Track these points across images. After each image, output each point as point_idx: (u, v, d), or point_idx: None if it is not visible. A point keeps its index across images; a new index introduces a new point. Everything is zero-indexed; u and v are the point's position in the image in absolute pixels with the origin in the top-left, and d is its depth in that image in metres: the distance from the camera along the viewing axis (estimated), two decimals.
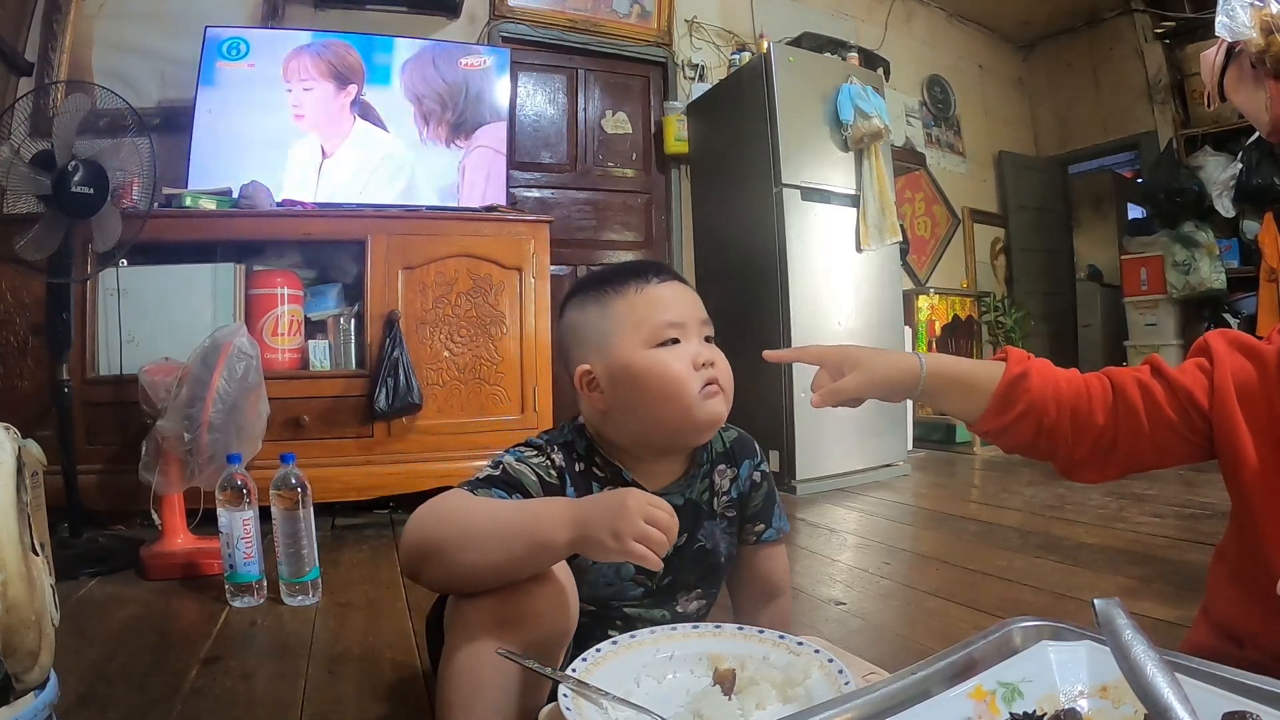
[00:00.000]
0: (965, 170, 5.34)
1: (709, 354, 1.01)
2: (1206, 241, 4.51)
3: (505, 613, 0.83)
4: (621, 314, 1.00)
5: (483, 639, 0.82)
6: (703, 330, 1.03)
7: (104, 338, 2.48)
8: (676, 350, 0.99)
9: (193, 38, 2.89)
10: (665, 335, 0.99)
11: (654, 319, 0.99)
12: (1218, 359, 0.90)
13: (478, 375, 2.81)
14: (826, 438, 3.33)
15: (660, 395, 0.98)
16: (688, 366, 0.98)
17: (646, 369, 0.98)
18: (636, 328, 0.99)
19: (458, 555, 0.84)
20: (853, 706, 0.59)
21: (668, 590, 1.06)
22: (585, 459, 1.04)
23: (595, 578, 1.01)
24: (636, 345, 0.99)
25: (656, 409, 0.99)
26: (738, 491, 1.11)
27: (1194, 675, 0.56)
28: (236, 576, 1.82)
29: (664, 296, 1.01)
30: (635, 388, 0.99)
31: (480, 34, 3.69)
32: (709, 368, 0.99)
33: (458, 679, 0.84)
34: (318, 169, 3.00)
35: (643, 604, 1.04)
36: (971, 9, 5.37)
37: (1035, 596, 1.83)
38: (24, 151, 2.12)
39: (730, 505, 1.10)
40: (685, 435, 1.02)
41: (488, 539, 0.84)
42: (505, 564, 0.83)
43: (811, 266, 3.37)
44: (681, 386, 0.97)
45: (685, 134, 3.98)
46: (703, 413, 0.99)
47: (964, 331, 4.91)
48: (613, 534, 0.78)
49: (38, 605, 0.92)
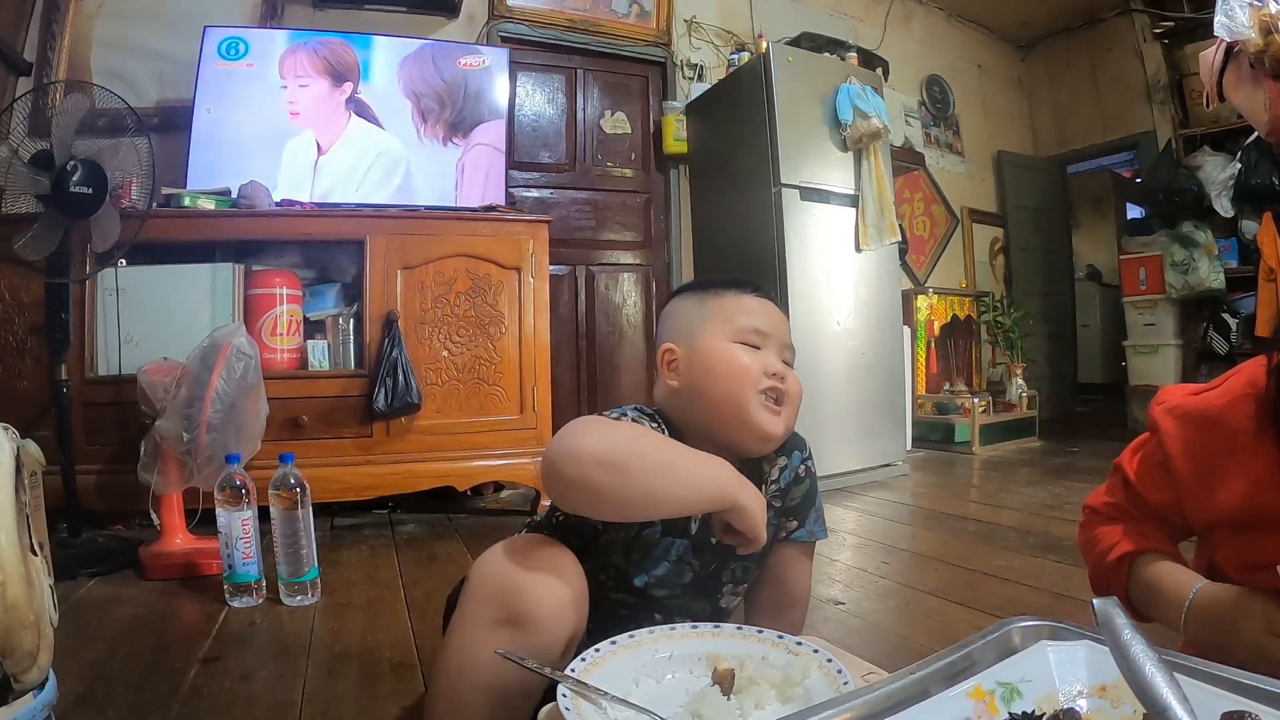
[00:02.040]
0: (964, 170, 5.34)
1: (782, 369, 1.06)
2: (1205, 241, 4.51)
3: (512, 611, 0.83)
4: (715, 310, 1.08)
5: (484, 635, 0.83)
6: (784, 352, 1.09)
7: (103, 338, 2.47)
8: (753, 352, 1.05)
9: (191, 37, 2.89)
10: (747, 338, 1.06)
11: (741, 321, 1.06)
12: (1166, 438, 0.92)
13: (476, 375, 2.80)
14: (826, 437, 3.32)
15: (725, 383, 1.03)
16: (758, 367, 1.03)
17: (721, 356, 1.04)
18: (725, 323, 1.06)
19: (644, 478, 0.87)
20: (851, 706, 0.59)
21: (713, 576, 1.08)
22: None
23: (659, 552, 1.04)
24: (720, 336, 1.05)
25: (719, 398, 1.03)
26: (786, 480, 1.12)
27: (1193, 675, 0.56)
28: (235, 577, 1.82)
29: (756, 307, 1.09)
30: (706, 371, 1.04)
31: (479, 34, 3.69)
32: (777, 379, 1.04)
33: (450, 672, 0.85)
34: (314, 167, 3.00)
35: (685, 597, 1.06)
36: (970, 9, 5.38)
37: (1034, 596, 1.83)
38: (23, 151, 2.12)
39: (776, 495, 1.12)
40: (740, 435, 1.04)
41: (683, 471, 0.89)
42: (687, 498, 0.89)
43: (810, 266, 3.37)
44: (746, 379, 1.02)
45: (684, 134, 3.98)
46: (759, 419, 1.03)
47: (963, 332, 4.91)
48: (763, 514, 0.89)
49: (36, 606, 0.92)
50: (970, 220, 5.30)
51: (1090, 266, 6.75)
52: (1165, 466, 0.92)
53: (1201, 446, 0.89)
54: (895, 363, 3.72)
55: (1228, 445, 0.86)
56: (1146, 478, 0.96)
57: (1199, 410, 0.91)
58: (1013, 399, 4.66)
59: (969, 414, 4.26)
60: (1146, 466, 0.97)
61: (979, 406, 4.27)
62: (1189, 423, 0.91)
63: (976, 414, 4.24)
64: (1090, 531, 1.02)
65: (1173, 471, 0.91)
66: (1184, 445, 0.90)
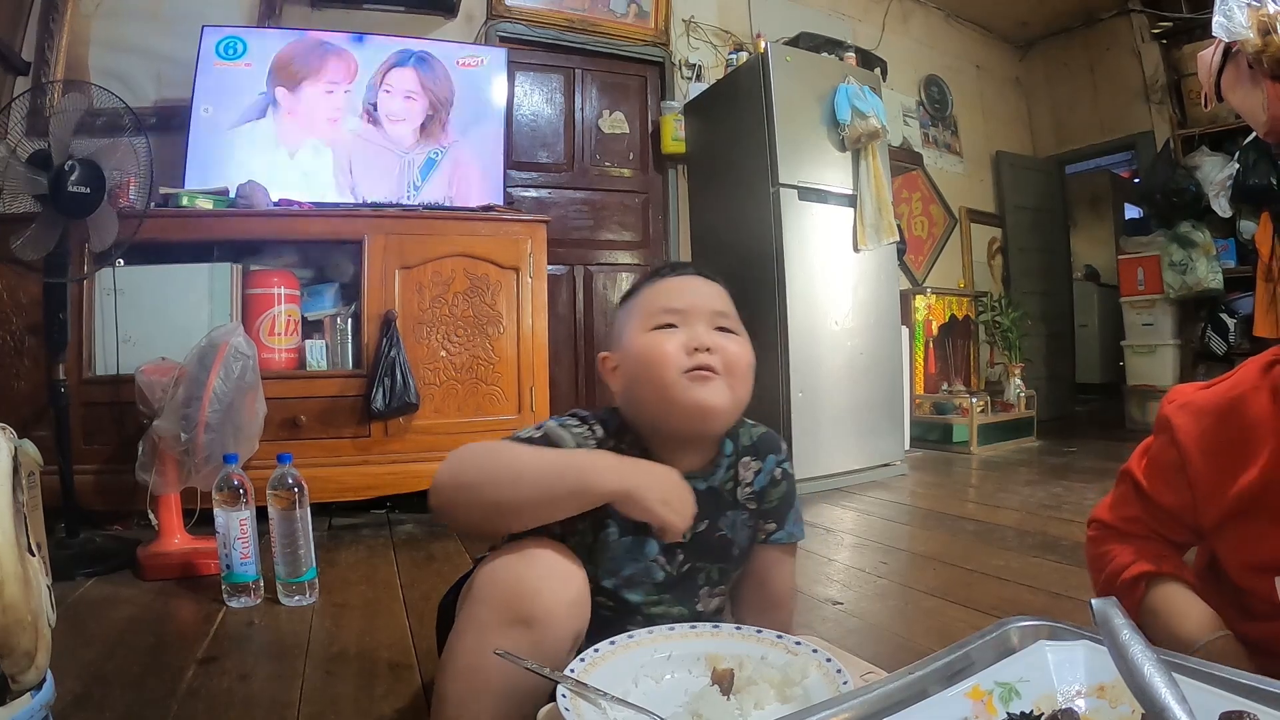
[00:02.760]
0: (962, 170, 5.34)
1: (707, 339, 1.01)
2: (1203, 241, 4.52)
3: (524, 612, 0.83)
4: (636, 307, 1.07)
5: (490, 637, 0.82)
6: (714, 320, 1.04)
7: (100, 338, 2.47)
8: (670, 334, 1.01)
9: (190, 37, 2.88)
10: (661, 320, 1.03)
11: (655, 304, 1.04)
12: (1181, 434, 0.93)
13: (474, 375, 2.80)
14: (824, 437, 3.33)
15: (646, 373, 1.00)
16: (676, 348, 1.00)
17: (638, 349, 1.02)
18: (642, 314, 1.05)
19: (494, 490, 0.89)
20: (850, 706, 0.59)
21: (688, 578, 1.05)
22: (618, 437, 1.06)
23: (621, 553, 1.01)
24: (639, 330, 1.04)
25: (644, 388, 1.02)
26: (761, 484, 1.11)
27: (1191, 675, 0.56)
28: (233, 577, 1.81)
29: (671, 286, 1.07)
30: (632, 367, 1.03)
31: (477, 33, 3.69)
32: (703, 353, 1.00)
33: (460, 674, 0.85)
34: (312, 167, 3.00)
35: (664, 601, 1.04)
36: (969, 9, 5.38)
37: (1032, 596, 1.83)
38: (20, 151, 2.11)
39: (752, 498, 1.11)
40: (679, 419, 1.01)
41: (530, 475, 0.89)
42: (542, 501, 0.89)
43: (808, 266, 3.37)
44: (663, 363, 0.99)
45: (682, 134, 3.98)
46: (690, 397, 0.99)
47: (961, 332, 4.91)
48: (662, 500, 0.87)
49: (34, 606, 0.91)
50: (968, 220, 5.30)
51: (1088, 266, 6.75)
52: (1178, 466, 0.92)
53: (1217, 437, 0.89)
54: (893, 363, 3.72)
55: (1245, 431, 0.86)
56: (1158, 480, 0.96)
57: (1213, 402, 0.91)
58: (1011, 399, 4.66)
59: (967, 414, 4.26)
60: (1156, 468, 0.96)
61: (977, 406, 4.27)
62: (1204, 415, 0.91)
63: (974, 414, 4.24)
64: (1100, 547, 1.02)
65: (1188, 469, 0.91)
66: (1200, 438, 0.90)
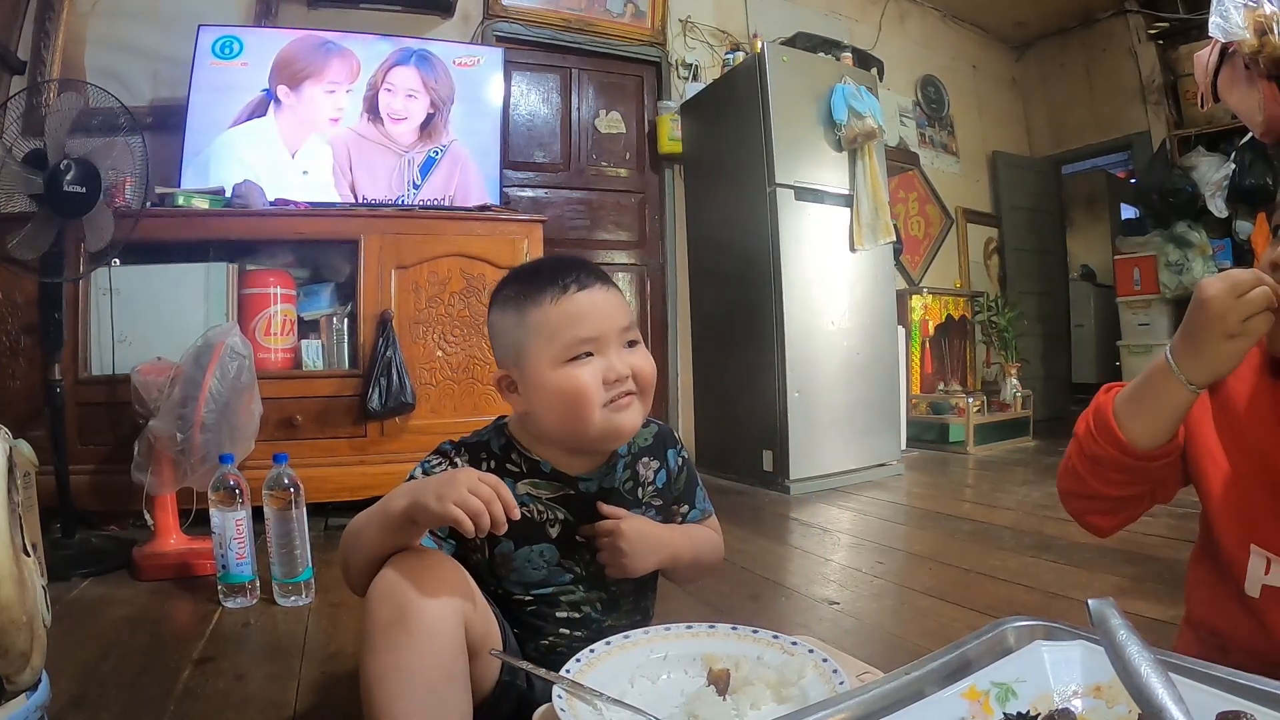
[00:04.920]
0: (959, 170, 5.34)
1: (624, 366, 1.01)
2: (1199, 242, 4.52)
3: (391, 613, 0.84)
4: (537, 325, 1.00)
5: (376, 642, 0.84)
6: (623, 337, 1.02)
7: (96, 337, 2.47)
8: (588, 365, 0.99)
9: (186, 36, 2.88)
10: (578, 350, 0.99)
11: (566, 335, 0.99)
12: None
13: (471, 375, 2.80)
14: (820, 437, 3.33)
15: (567, 410, 1.00)
16: (597, 382, 0.99)
17: (557, 385, 0.99)
18: (550, 342, 0.99)
19: (354, 557, 0.94)
20: (847, 706, 0.59)
21: (596, 574, 1.08)
22: (500, 457, 1.07)
23: (521, 564, 1.04)
24: (549, 360, 0.99)
25: (565, 422, 1.01)
26: (663, 480, 1.14)
27: (1188, 675, 0.56)
28: (229, 577, 1.81)
29: (580, 309, 1.00)
30: (546, 401, 1.01)
31: (474, 33, 3.68)
32: (621, 382, 1.00)
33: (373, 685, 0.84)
34: (309, 167, 2.99)
35: (579, 589, 1.07)
36: (965, 9, 5.38)
37: (1029, 596, 1.83)
38: (16, 150, 2.11)
39: (656, 494, 1.14)
40: (595, 444, 1.05)
41: (365, 532, 0.93)
42: (376, 546, 0.91)
43: (805, 266, 3.37)
44: (587, 402, 0.98)
45: (679, 134, 3.97)
46: (610, 425, 1.01)
47: (957, 332, 4.92)
48: (437, 497, 0.84)
49: (29, 606, 0.91)
50: (965, 220, 5.31)
51: (1085, 266, 6.76)
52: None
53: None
54: (890, 363, 3.72)
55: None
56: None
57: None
58: (1007, 399, 4.67)
59: (963, 414, 4.26)
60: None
61: (973, 406, 4.28)
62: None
63: (971, 414, 4.25)
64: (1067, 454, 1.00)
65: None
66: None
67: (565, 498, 1.06)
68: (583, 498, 1.07)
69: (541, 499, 1.05)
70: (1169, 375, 0.84)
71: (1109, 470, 0.91)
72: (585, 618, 1.07)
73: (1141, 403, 0.88)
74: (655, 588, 1.18)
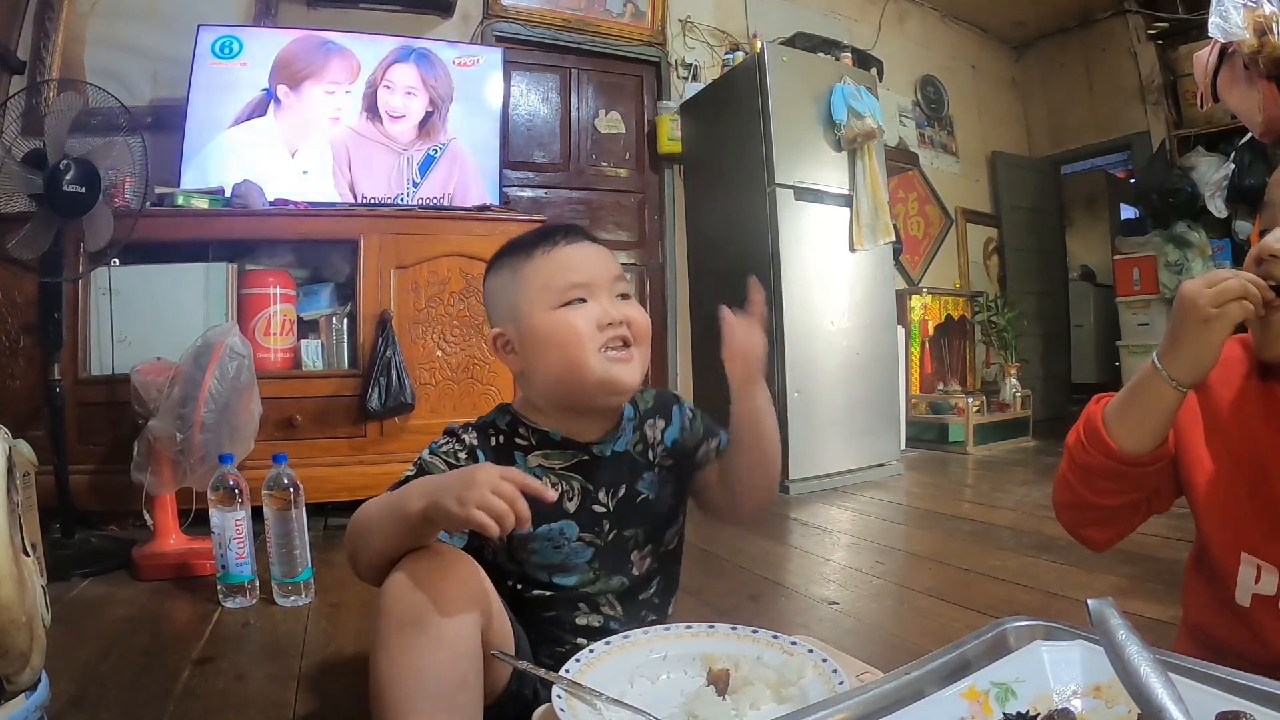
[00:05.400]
0: (958, 170, 5.35)
1: (618, 313, 1.01)
2: (1199, 242, 4.52)
3: (405, 613, 0.83)
4: (530, 277, 1.03)
5: (390, 642, 0.83)
6: (615, 288, 1.04)
7: (96, 337, 2.47)
8: (582, 309, 1.01)
9: (185, 36, 2.87)
10: (570, 296, 1.01)
11: (559, 280, 1.01)
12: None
13: (470, 375, 2.80)
14: (820, 437, 3.33)
15: (561, 353, 1.00)
16: (590, 324, 1.00)
17: (550, 328, 1.00)
18: (543, 290, 1.01)
19: (365, 551, 0.91)
20: (847, 706, 0.59)
21: (616, 546, 1.06)
22: (507, 433, 1.06)
23: (541, 544, 1.02)
24: (543, 307, 1.01)
25: (559, 367, 1.01)
26: (673, 439, 1.13)
27: (1188, 675, 0.56)
28: (229, 577, 1.81)
29: (570, 258, 1.03)
30: (540, 347, 1.01)
31: (474, 33, 3.68)
32: (616, 327, 1.01)
33: (384, 687, 0.84)
34: (309, 167, 2.99)
35: (597, 572, 1.05)
36: (965, 9, 5.38)
37: (1028, 596, 1.83)
38: (15, 150, 2.11)
39: (668, 455, 1.12)
40: (591, 394, 1.03)
41: (378, 524, 0.90)
42: (391, 544, 0.88)
43: (804, 266, 3.37)
44: (581, 344, 0.99)
45: (679, 134, 3.97)
46: (608, 374, 1.00)
47: (957, 332, 4.92)
48: (458, 500, 0.81)
49: (29, 606, 0.91)
50: (964, 220, 5.31)
51: (1084, 267, 6.76)
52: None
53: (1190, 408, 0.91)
54: (889, 362, 3.72)
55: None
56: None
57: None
58: (1007, 399, 4.67)
59: (963, 414, 4.26)
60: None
61: (973, 406, 4.28)
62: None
63: (971, 414, 4.25)
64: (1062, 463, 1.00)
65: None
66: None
67: (580, 464, 1.05)
68: (598, 461, 1.06)
69: (555, 469, 1.04)
70: (1155, 376, 0.84)
71: (1099, 478, 0.91)
72: (604, 628, 1.04)
73: (1129, 407, 0.88)
74: (675, 589, 1.16)
